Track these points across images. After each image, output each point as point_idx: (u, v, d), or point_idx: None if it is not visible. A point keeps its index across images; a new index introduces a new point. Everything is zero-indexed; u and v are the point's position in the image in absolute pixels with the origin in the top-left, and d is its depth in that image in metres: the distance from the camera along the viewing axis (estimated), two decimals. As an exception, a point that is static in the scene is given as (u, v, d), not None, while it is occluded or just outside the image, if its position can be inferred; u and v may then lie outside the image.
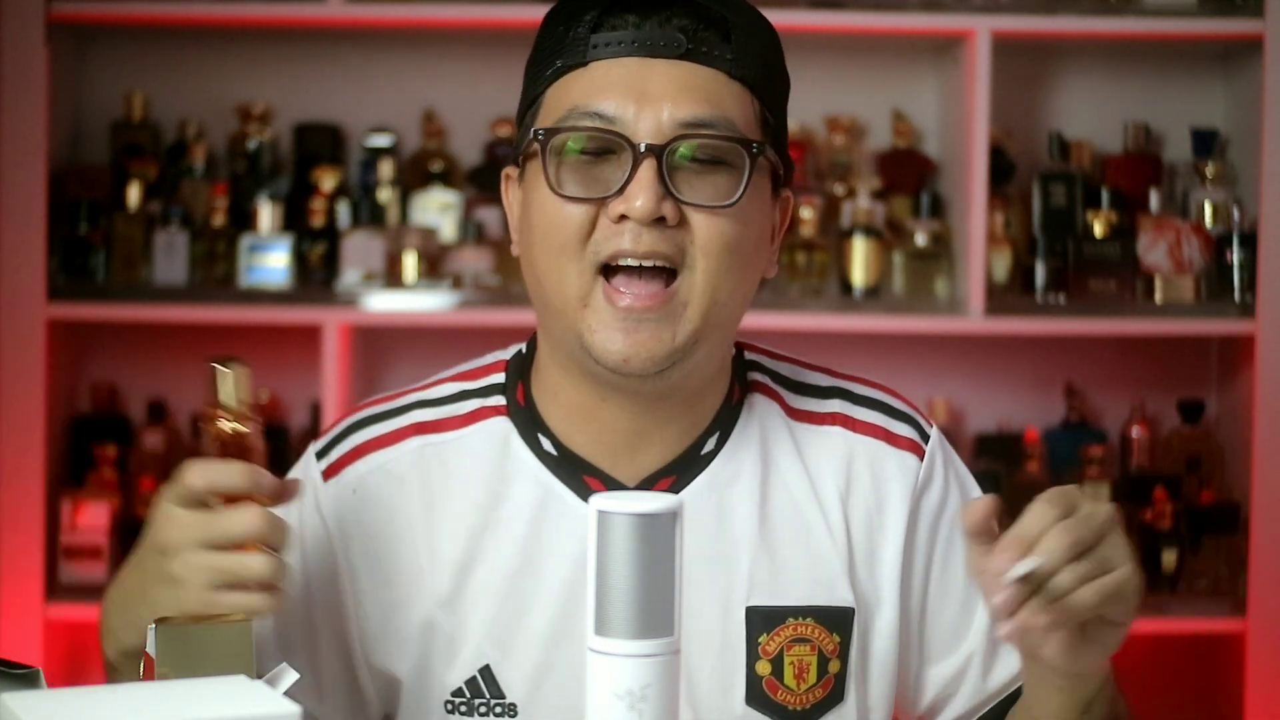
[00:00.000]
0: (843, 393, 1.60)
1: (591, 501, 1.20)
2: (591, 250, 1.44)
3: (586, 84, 1.45)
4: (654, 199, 1.41)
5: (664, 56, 1.44)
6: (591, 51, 1.45)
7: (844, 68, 3.37)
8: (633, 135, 1.42)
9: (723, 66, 1.45)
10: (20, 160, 3.05)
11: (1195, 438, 3.24)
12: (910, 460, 1.58)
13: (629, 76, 1.43)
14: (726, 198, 1.44)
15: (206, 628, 1.24)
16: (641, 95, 1.43)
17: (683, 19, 1.44)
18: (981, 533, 1.33)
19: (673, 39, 1.44)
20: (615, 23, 1.44)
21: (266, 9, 3.12)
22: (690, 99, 1.43)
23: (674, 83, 1.43)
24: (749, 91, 1.46)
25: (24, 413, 3.06)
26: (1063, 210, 3.17)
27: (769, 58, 1.51)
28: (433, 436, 1.57)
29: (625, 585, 1.18)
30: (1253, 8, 3.08)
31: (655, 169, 1.42)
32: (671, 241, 1.43)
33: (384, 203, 3.23)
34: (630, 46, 1.44)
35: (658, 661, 1.19)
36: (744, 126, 1.45)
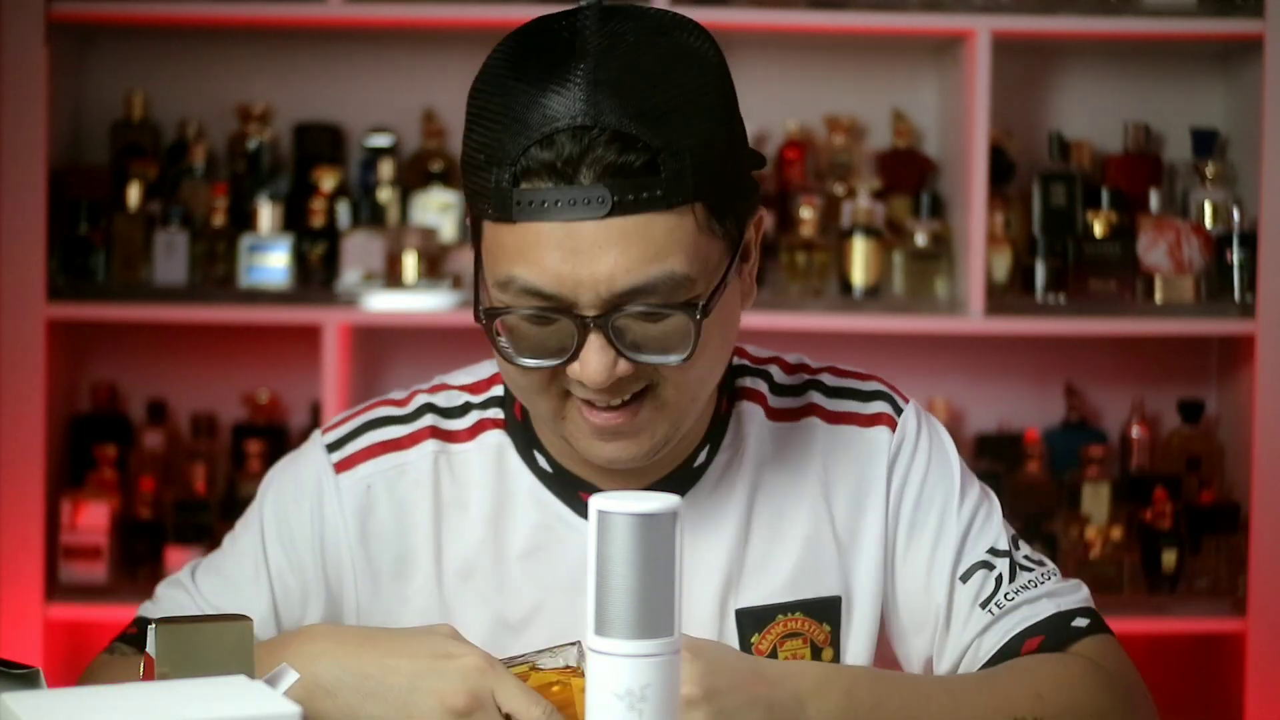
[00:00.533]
0: (817, 385, 1.61)
1: (591, 501, 1.20)
2: (558, 391, 1.44)
3: (516, 248, 1.37)
4: (606, 369, 1.38)
5: (589, 218, 1.35)
6: (516, 209, 1.36)
7: (844, 68, 3.37)
8: (573, 305, 1.38)
9: (656, 205, 1.36)
10: (20, 160, 3.05)
11: (1195, 438, 3.24)
12: (883, 434, 1.59)
13: (557, 243, 1.36)
14: (681, 345, 1.39)
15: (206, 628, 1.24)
16: (575, 263, 1.36)
17: (606, 162, 1.35)
18: None
19: (595, 197, 1.35)
20: (533, 174, 1.36)
21: (266, 9, 3.12)
22: (625, 262, 1.36)
23: (603, 246, 1.35)
24: (690, 204, 1.38)
25: (24, 413, 3.06)
26: (1063, 210, 3.17)
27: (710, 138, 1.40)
28: (445, 444, 1.58)
29: (625, 585, 1.18)
30: (1253, 8, 3.08)
31: (602, 338, 1.38)
32: (635, 381, 1.42)
33: (384, 203, 3.23)
34: (554, 208, 1.36)
35: (658, 661, 1.19)
36: (687, 261, 1.38)
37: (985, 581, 1.56)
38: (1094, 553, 3.13)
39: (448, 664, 1.36)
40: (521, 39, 1.42)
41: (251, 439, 3.22)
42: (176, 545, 3.13)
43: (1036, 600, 1.55)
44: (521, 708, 1.34)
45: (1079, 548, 3.13)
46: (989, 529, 1.59)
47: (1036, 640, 1.53)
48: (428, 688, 1.36)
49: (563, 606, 1.53)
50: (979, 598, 1.55)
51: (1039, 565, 1.59)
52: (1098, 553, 3.13)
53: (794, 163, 3.28)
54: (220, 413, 3.32)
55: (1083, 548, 3.13)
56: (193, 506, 3.15)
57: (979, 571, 1.56)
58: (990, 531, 1.59)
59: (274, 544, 1.58)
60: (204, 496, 3.17)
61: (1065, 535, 3.15)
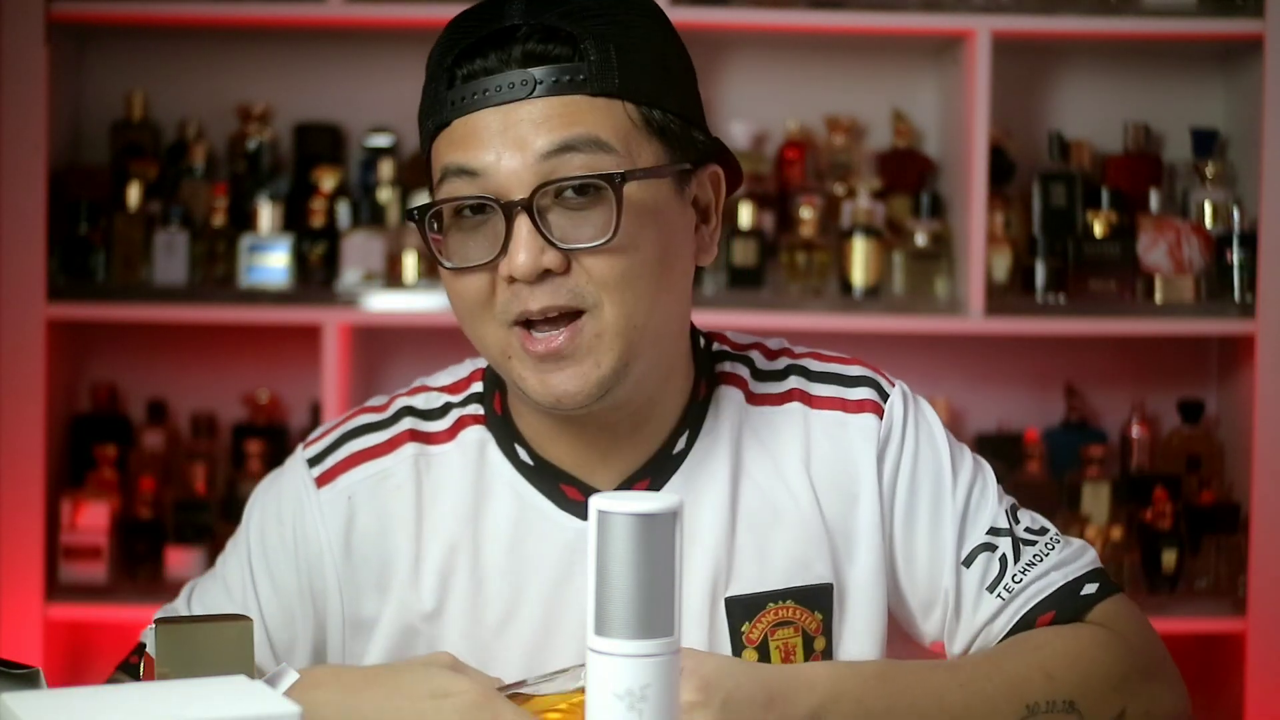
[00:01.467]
0: (799, 370, 1.61)
1: (592, 501, 1.20)
2: (499, 310, 1.45)
3: (450, 143, 1.45)
4: (533, 256, 1.41)
5: (519, 99, 1.42)
6: (451, 110, 1.45)
7: (844, 68, 3.37)
8: (500, 191, 1.42)
9: (582, 89, 1.43)
10: (20, 160, 3.05)
11: (1195, 438, 3.24)
12: (870, 421, 1.58)
13: (488, 128, 1.43)
14: (605, 232, 1.42)
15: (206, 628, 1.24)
16: (503, 144, 1.42)
17: (530, 50, 1.43)
18: None
19: (521, 79, 1.42)
20: (467, 74, 1.44)
21: (266, 9, 3.12)
22: (547, 134, 1.42)
23: (531, 123, 1.42)
24: (622, 100, 1.44)
25: (24, 413, 3.06)
26: (1063, 210, 3.17)
27: (646, 51, 1.47)
28: (425, 446, 1.58)
29: (625, 585, 1.18)
30: (1253, 8, 3.08)
31: (529, 224, 1.41)
32: (566, 289, 1.43)
33: (384, 203, 3.23)
34: (485, 97, 1.43)
35: (658, 661, 1.19)
36: (615, 136, 1.43)
37: (989, 564, 1.55)
38: (1094, 553, 3.13)
39: (445, 703, 1.36)
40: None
41: (251, 439, 3.22)
42: (176, 545, 3.13)
43: (1044, 575, 1.55)
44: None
45: (1079, 548, 3.13)
46: (986, 506, 1.58)
47: (1048, 616, 1.53)
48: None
49: (541, 601, 1.53)
50: (985, 581, 1.55)
51: (1041, 535, 1.58)
52: (1098, 553, 3.12)
53: (794, 163, 3.28)
54: (220, 413, 3.32)
55: (1083, 548, 3.13)
56: (193, 506, 3.15)
57: (982, 555, 1.56)
58: (987, 509, 1.58)
59: (260, 568, 1.58)
60: (204, 496, 3.17)
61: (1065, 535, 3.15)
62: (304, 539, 1.57)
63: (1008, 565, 1.55)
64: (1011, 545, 1.56)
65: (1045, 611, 1.54)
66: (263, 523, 1.59)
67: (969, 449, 1.63)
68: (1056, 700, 1.45)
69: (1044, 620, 1.53)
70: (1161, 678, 1.54)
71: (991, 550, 1.56)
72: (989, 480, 1.60)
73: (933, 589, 1.57)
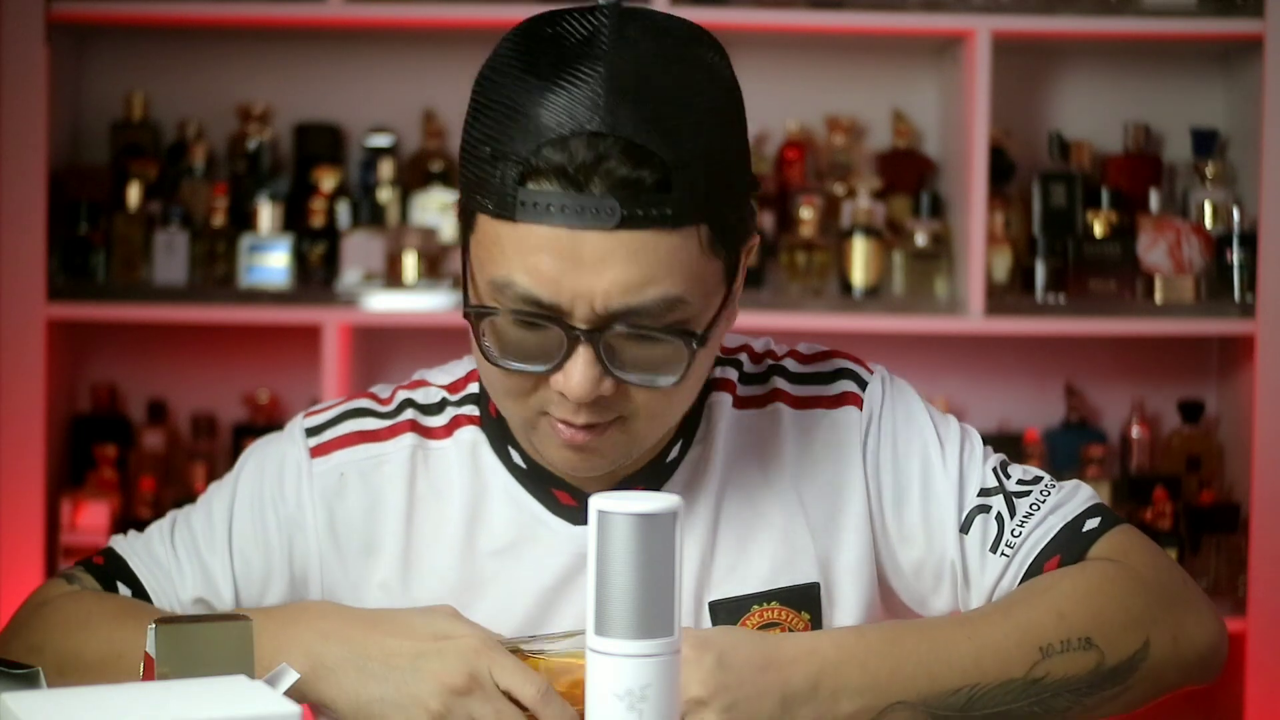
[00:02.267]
0: (780, 371, 1.60)
1: (591, 501, 1.20)
2: (535, 402, 1.42)
3: (515, 248, 1.35)
4: (590, 383, 1.37)
5: (595, 228, 1.32)
6: (520, 209, 1.33)
7: (844, 68, 3.37)
8: (566, 316, 1.35)
9: (665, 223, 1.33)
10: (20, 160, 3.05)
11: (1195, 438, 3.24)
12: (851, 414, 1.57)
13: (559, 251, 1.33)
14: (669, 370, 1.38)
15: (206, 628, 1.24)
16: (575, 273, 1.33)
17: (619, 175, 1.32)
18: None
19: (605, 207, 1.32)
20: (543, 175, 1.33)
21: (266, 9, 3.12)
22: (624, 279, 1.33)
23: (606, 259, 1.33)
24: (696, 226, 1.35)
25: (24, 413, 3.06)
26: (1063, 210, 3.17)
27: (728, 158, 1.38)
28: (424, 440, 1.58)
29: (625, 585, 1.18)
30: (1253, 8, 3.08)
31: (591, 354, 1.36)
32: (611, 409, 1.40)
33: (384, 203, 3.23)
34: (559, 213, 1.32)
35: (658, 661, 1.19)
36: (686, 284, 1.36)
37: (987, 526, 1.54)
38: (1094, 553, 3.13)
39: (447, 645, 1.38)
40: (534, 30, 1.39)
41: (251, 439, 3.19)
42: (176, 545, 3.13)
43: (1043, 522, 1.53)
44: (517, 685, 1.36)
45: (1079, 548, 3.13)
46: (973, 470, 1.57)
47: (1054, 561, 1.51)
48: (428, 669, 1.38)
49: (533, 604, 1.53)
50: (986, 543, 1.54)
51: (1034, 484, 1.57)
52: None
53: (794, 163, 3.28)
54: (220, 413, 3.32)
55: (1083, 548, 3.13)
56: (193, 506, 3.15)
57: (978, 518, 1.54)
58: (975, 472, 1.57)
59: (242, 519, 1.59)
60: (204, 496, 3.17)
61: (1065, 535, 3.15)
62: (290, 503, 1.57)
63: (1005, 522, 1.54)
64: (1004, 501, 1.55)
65: (1050, 556, 1.52)
66: (253, 480, 1.60)
67: (954, 417, 1.62)
68: (1071, 639, 1.43)
69: (1050, 565, 1.51)
70: (1184, 604, 1.51)
71: (986, 511, 1.54)
72: (975, 444, 1.59)
73: (938, 563, 1.56)
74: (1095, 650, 1.43)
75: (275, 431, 1.65)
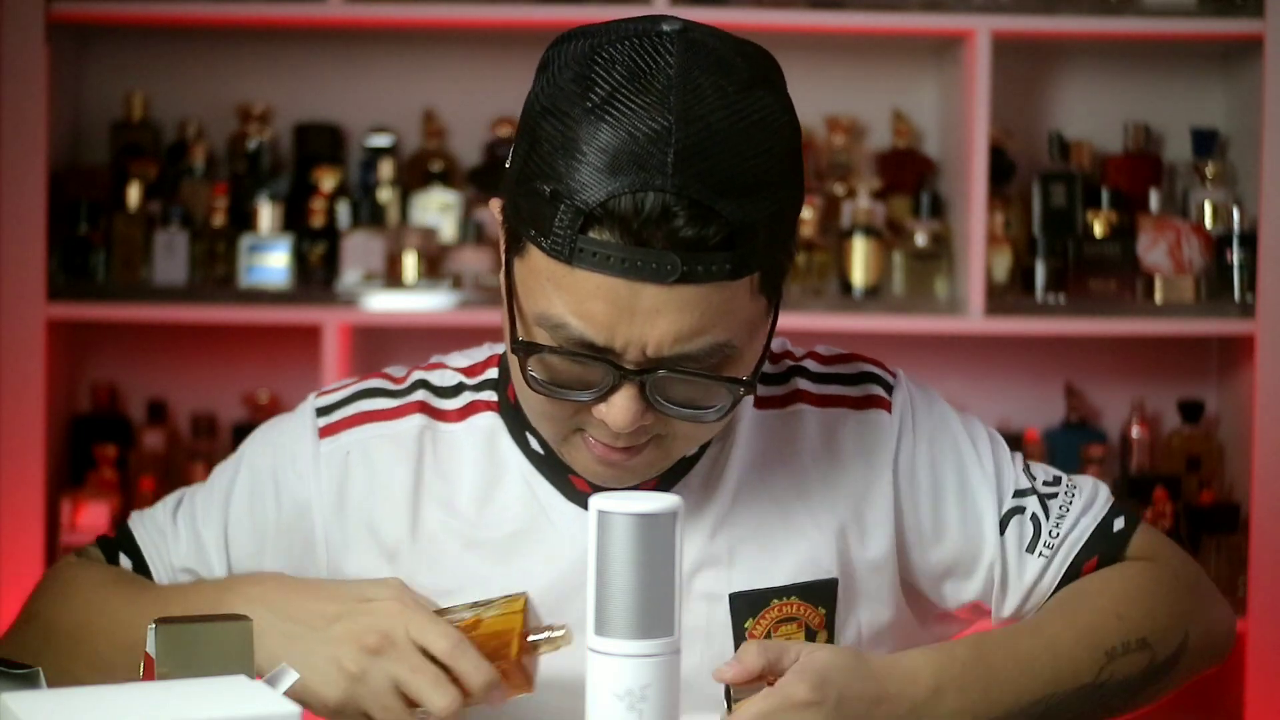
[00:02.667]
0: (801, 372, 1.62)
1: (591, 502, 1.20)
2: (573, 423, 1.44)
3: (570, 291, 1.35)
4: (634, 417, 1.38)
5: (654, 282, 1.33)
6: (578, 256, 1.33)
7: (844, 68, 3.37)
8: (616, 357, 1.36)
9: (722, 276, 1.34)
10: (20, 160, 3.05)
11: (1195, 438, 3.24)
12: (879, 416, 1.60)
13: (615, 300, 1.34)
14: (708, 407, 1.40)
15: (206, 628, 1.24)
16: (628, 323, 1.34)
17: (682, 236, 1.32)
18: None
19: (665, 263, 1.32)
20: (605, 229, 1.32)
21: (266, 9, 3.12)
22: (677, 328, 1.35)
23: (662, 310, 1.34)
24: (751, 276, 1.37)
25: (24, 413, 3.06)
26: (1063, 210, 3.17)
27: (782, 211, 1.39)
28: (434, 421, 1.59)
29: (625, 585, 1.18)
30: (1253, 8, 3.08)
31: (636, 390, 1.38)
32: (649, 431, 1.42)
33: (384, 203, 3.23)
34: (620, 266, 1.32)
35: (658, 661, 1.19)
36: (736, 330, 1.38)
37: (1024, 526, 1.58)
38: (1094, 553, 3.13)
39: (364, 606, 1.40)
40: (597, 58, 1.37)
41: (251, 439, 3.22)
42: (176, 545, 3.13)
43: (1076, 524, 1.58)
44: (430, 639, 1.37)
45: (1079, 548, 3.13)
46: (1007, 471, 1.61)
47: (1092, 562, 1.57)
48: (343, 630, 1.40)
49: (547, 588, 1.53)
50: (1023, 543, 1.58)
51: (1057, 485, 1.61)
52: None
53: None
54: (220, 413, 3.32)
55: (1083, 548, 3.13)
56: (193, 506, 3.15)
57: (1014, 519, 1.58)
58: (1009, 473, 1.61)
59: (241, 494, 1.60)
60: (204, 496, 3.17)
61: (1065, 535, 3.15)
62: (296, 483, 1.58)
63: (1041, 523, 1.58)
64: (1039, 503, 1.59)
65: (1089, 557, 1.57)
66: (260, 454, 1.61)
67: (977, 419, 1.66)
68: (1130, 640, 1.48)
69: (1089, 566, 1.57)
70: (1209, 597, 1.59)
71: (1021, 512, 1.58)
72: (1002, 445, 1.63)
73: (971, 561, 1.59)
74: (1149, 649, 1.50)
75: (282, 414, 1.67)
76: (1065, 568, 1.57)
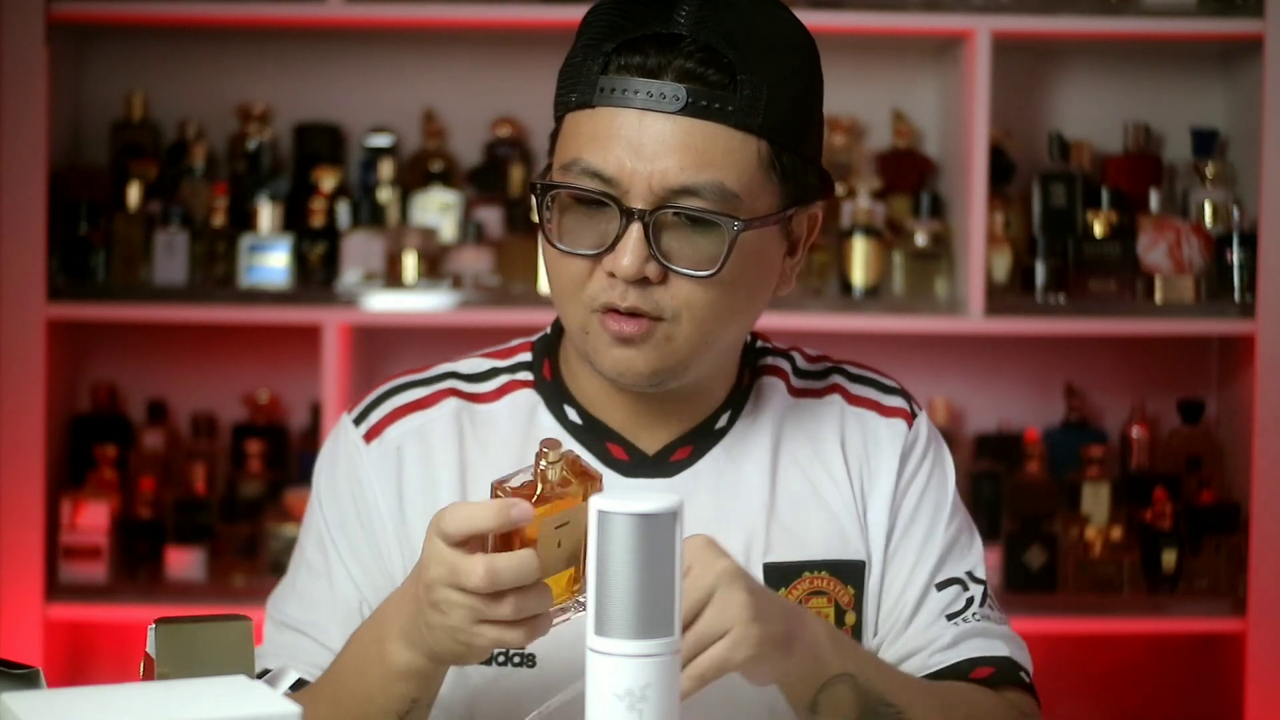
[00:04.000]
0: (839, 371, 1.70)
1: (592, 502, 1.20)
2: (588, 295, 1.51)
3: (590, 133, 1.48)
4: (638, 262, 1.47)
5: (664, 111, 1.46)
6: (599, 95, 1.48)
7: (844, 68, 3.37)
8: (624, 196, 1.47)
9: (726, 119, 1.47)
10: (20, 160, 3.05)
11: (1195, 438, 3.24)
12: (900, 425, 1.67)
13: (627, 133, 1.46)
14: (710, 263, 1.48)
15: (206, 628, 1.24)
16: (637, 155, 1.46)
17: (688, 68, 1.46)
18: None
19: (673, 93, 1.46)
20: (623, 66, 1.47)
21: (266, 9, 3.12)
22: (681, 161, 1.46)
23: (668, 143, 1.46)
24: (757, 137, 1.48)
25: (24, 413, 3.06)
26: (1063, 210, 3.17)
27: (794, 93, 1.52)
28: (468, 404, 1.63)
29: (625, 585, 1.18)
30: (1253, 8, 3.08)
31: (641, 233, 1.46)
32: (653, 300, 1.49)
33: (384, 203, 3.23)
34: (633, 96, 1.47)
35: (658, 661, 1.19)
36: (740, 182, 1.48)
37: (957, 598, 1.63)
38: (1094, 553, 3.13)
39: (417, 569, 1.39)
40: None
41: (251, 439, 3.22)
42: (176, 545, 3.13)
43: (997, 637, 1.63)
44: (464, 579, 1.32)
45: (1079, 548, 3.13)
46: (972, 554, 1.67)
47: (987, 671, 1.61)
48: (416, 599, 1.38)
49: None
50: (947, 609, 1.62)
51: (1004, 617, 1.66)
52: (1098, 553, 3.12)
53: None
54: (220, 413, 3.32)
55: (1083, 548, 3.13)
56: (193, 506, 3.15)
57: (954, 586, 1.63)
58: (973, 557, 1.67)
59: (338, 538, 1.61)
60: (204, 496, 3.17)
61: (1065, 535, 3.15)
62: (363, 497, 1.61)
63: (972, 605, 1.63)
64: (982, 594, 1.65)
65: (986, 666, 1.61)
66: (327, 492, 1.63)
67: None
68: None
69: (982, 672, 1.61)
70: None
71: (964, 588, 1.64)
72: (979, 543, 1.69)
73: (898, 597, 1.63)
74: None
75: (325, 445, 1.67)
76: (962, 658, 1.60)
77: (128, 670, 3.12)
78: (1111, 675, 3.27)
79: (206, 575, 3.14)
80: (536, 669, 1.56)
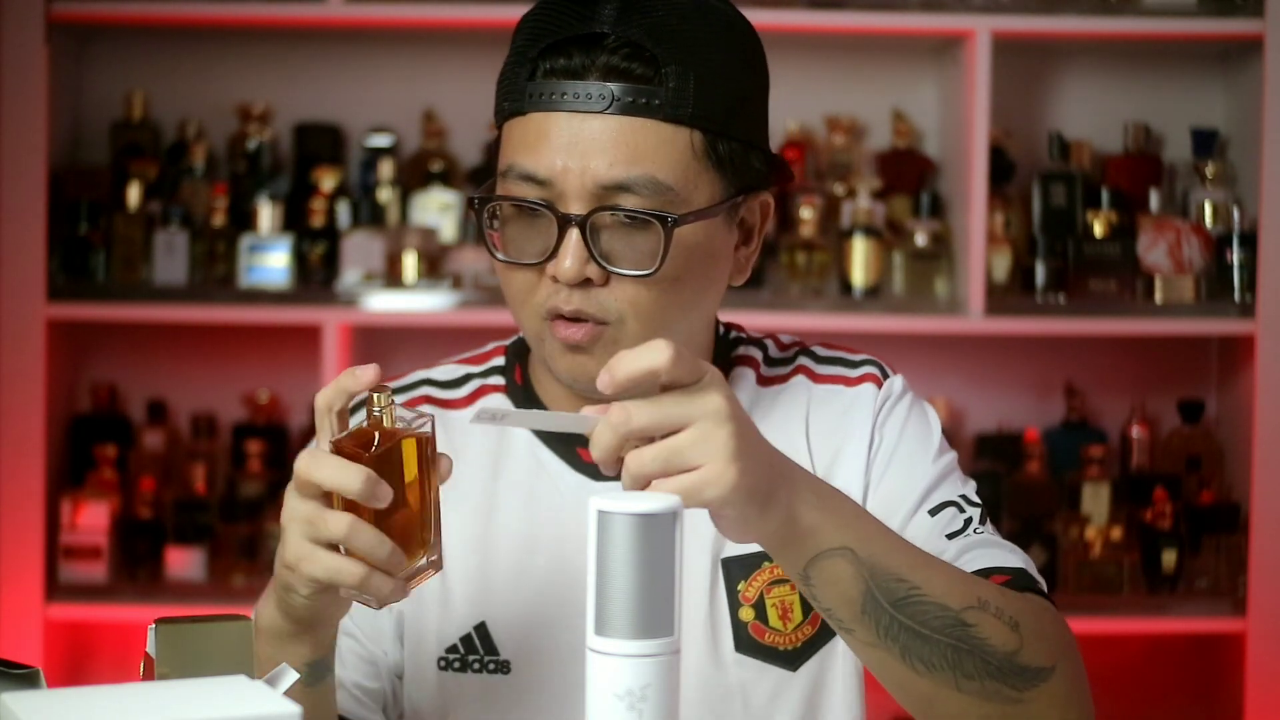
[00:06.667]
0: (807, 353, 1.67)
1: (591, 502, 1.20)
2: (537, 302, 1.50)
3: (522, 138, 1.48)
4: (578, 265, 1.46)
5: (592, 111, 1.46)
6: (529, 101, 1.48)
7: (844, 68, 3.37)
8: (560, 198, 1.47)
9: (654, 113, 1.46)
10: (20, 160, 3.05)
11: (1195, 438, 3.24)
12: (868, 388, 1.63)
13: (558, 136, 1.46)
14: (649, 261, 1.47)
15: (206, 628, 1.24)
16: (569, 155, 1.46)
17: (612, 64, 1.46)
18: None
19: (599, 92, 1.46)
20: (549, 70, 1.47)
21: (266, 9, 3.12)
22: (612, 158, 1.46)
23: (599, 141, 1.46)
24: (688, 127, 1.47)
25: (24, 413, 3.06)
26: (1063, 210, 3.17)
27: (723, 80, 1.50)
28: (441, 410, 1.64)
29: (625, 585, 1.18)
30: (1253, 8, 3.08)
31: (579, 236, 1.46)
32: (598, 302, 1.48)
33: (384, 203, 3.23)
34: (561, 99, 1.47)
35: (658, 661, 1.19)
36: (674, 175, 1.46)
37: (954, 519, 1.56)
38: (1094, 553, 3.13)
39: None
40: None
41: (251, 439, 3.22)
42: (176, 545, 3.13)
43: (1005, 549, 1.54)
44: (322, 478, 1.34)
45: (1079, 548, 3.13)
46: (965, 485, 1.60)
47: (1001, 579, 1.50)
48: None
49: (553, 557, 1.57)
50: (946, 530, 1.55)
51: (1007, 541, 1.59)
52: (1098, 553, 3.12)
53: (794, 163, 3.28)
54: (220, 413, 3.32)
55: (1083, 548, 3.13)
56: (193, 506, 3.15)
57: (949, 509, 1.57)
58: (967, 486, 1.60)
59: None
60: (204, 496, 3.17)
61: (1065, 535, 3.15)
62: None
63: (971, 523, 1.56)
64: (980, 514, 1.58)
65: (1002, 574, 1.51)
66: None
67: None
68: (1004, 611, 1.42)
69: (998, 579, 1.51)
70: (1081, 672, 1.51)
71: (960, 509, 1.57)
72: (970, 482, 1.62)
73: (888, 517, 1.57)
74: (1018, 635, 1.42)
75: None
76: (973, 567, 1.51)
77: (128, 670, 3.12)
78: (1111, 675, 3.27)
79: (206, 575, 3.14)
80: (511, 675, 1.57)
